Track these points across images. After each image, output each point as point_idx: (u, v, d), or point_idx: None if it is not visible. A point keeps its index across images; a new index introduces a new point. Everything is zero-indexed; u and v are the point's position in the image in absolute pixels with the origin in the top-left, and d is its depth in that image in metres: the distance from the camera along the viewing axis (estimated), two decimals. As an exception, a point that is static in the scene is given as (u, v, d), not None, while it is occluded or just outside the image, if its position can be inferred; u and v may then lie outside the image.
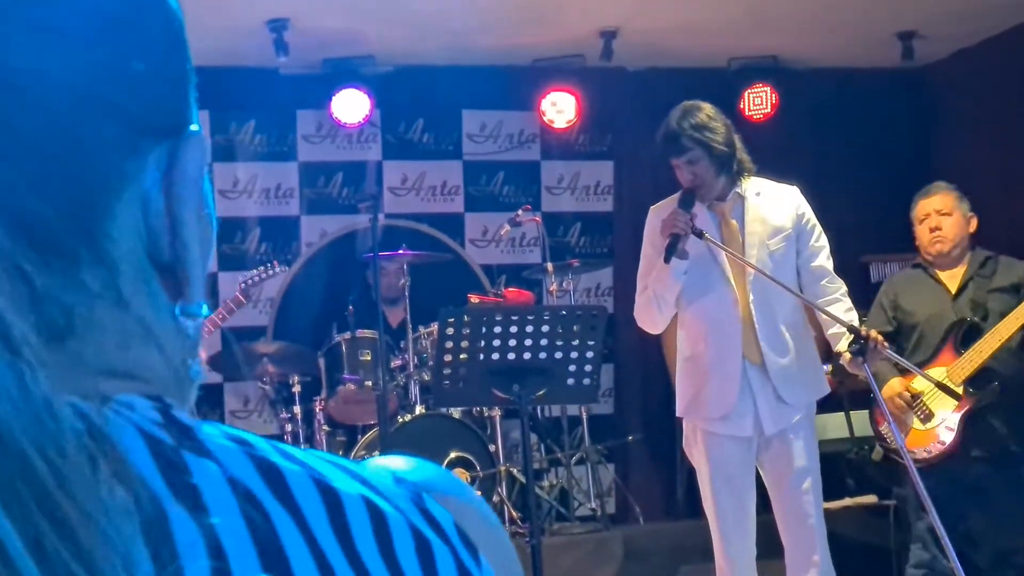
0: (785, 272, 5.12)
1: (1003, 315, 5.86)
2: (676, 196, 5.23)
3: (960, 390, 5.86)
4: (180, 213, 0.75)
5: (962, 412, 5.87)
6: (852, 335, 4.94)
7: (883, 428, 6.06)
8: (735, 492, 5.14)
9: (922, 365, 5.85)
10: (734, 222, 5.18)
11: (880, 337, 4.98)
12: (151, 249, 0.73)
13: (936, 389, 5.83)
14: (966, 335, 5.89)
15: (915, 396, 5.98)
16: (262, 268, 6.68)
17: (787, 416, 5.12)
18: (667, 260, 5.01)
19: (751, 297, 5.10)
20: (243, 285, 6.48)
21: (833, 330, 5.20)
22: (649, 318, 5.29)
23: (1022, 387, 5.90)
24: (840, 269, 5.38)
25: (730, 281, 5.13)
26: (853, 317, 5.18)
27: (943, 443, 5.90)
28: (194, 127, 0.76)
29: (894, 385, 5.97)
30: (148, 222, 0.73)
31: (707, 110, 5.19)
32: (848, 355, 5.01)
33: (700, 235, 5.00)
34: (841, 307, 5.20)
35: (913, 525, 6.22)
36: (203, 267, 0.76)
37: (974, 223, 6.19)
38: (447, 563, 0.74)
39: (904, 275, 6.44)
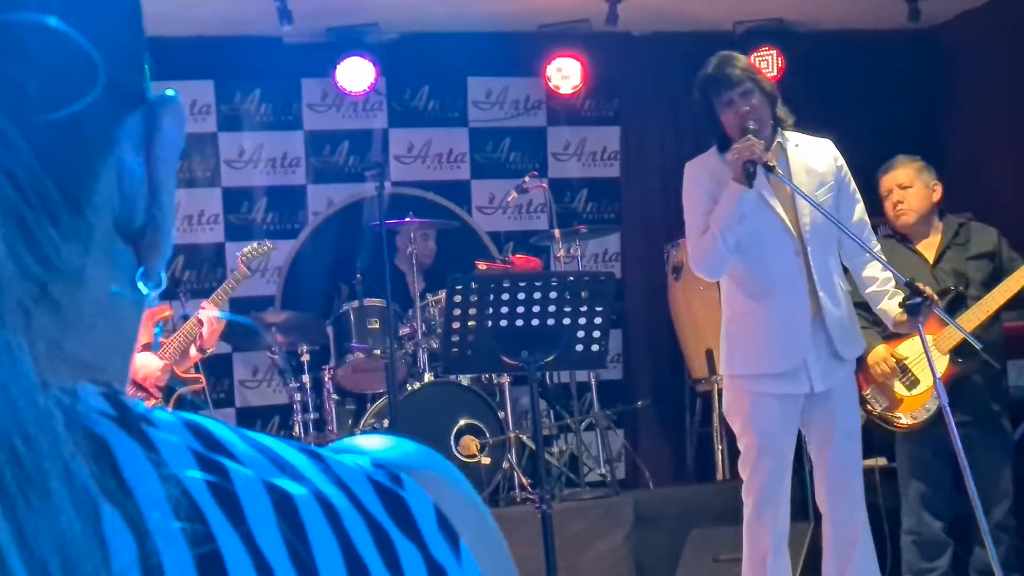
0: (830, 225, 5.01)
1: (983, 283, 6.00)
2: (712, 152, 5.13)
3: (947, 359, 5.94)
4: (160, 176, 0.74)
5: (947, 379, 5.97)
6: (908, 291, 4.82)
7: (867, 392, 6.08)
8: (779, 458, 5.05)
9: (904, 334, 5.95)
10: (779, 180, 5.02)
11: (935, 295, 4.94)
12: (121, 217, 0.72)
13: (922, 356, 5.92)
14: (950, 305, 5.94)
15: (900, 363, 6.06)
16: (257, 243, 6.69)
17: (835, 373, 5.02)
18: (750, 185, 4.82)
19: (809, 248, 4.98)
20: (243, 259, 6.48)
21: (872, 288, 5.16)
22: (715, 259, 4.99)
23: (998, 348, 6.00)
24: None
25: (790, 231, 4.99)
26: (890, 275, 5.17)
27: (928, 410, 6.00)
28: (169, 92, 0.75)
29: (879, 351, 6.03)
30: (123, 188, 0.72)
31: (746, 59, 5.13)
32: (903, 313, 4.94)
33: (771, 169, 4.86)
34: (880, 265, 5.19)
35: (903, 490, 6.30)
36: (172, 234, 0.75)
37: (938, 191, 6.28)
38: (415, 562, 0.72)
39: (882, 245, 6.53)
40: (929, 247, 6.23)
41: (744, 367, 5.09)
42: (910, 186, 6.24)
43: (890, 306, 5.14)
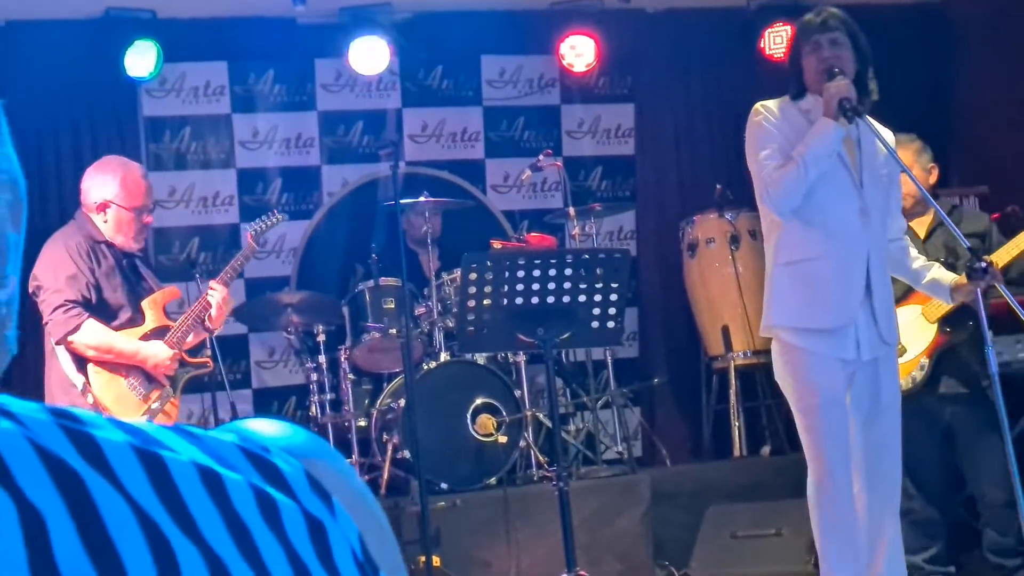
0: (887, 200, 4.94)
1: None
2: (785, 98, 4.95)
3: (935, 328, 6.02)
4: None
5: (936, 349, 6.01)
6: (971, 256, 4.71)
7: None
8: (842, 418, 4.84)
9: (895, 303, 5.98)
10: (850, 138, 4.87)
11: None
12: None
13: (909, 324, 5.96)
14: (968, 275, 5.94)
15: None
16: (265, 217, 6.64)
17: (880, 346, 4.87)
18: (851, 121, 4.69)
19: (871, 212, 4.84)
20: (252, 233, 6.44)
21: (917, 264, 5.13)
22: (795, 190, 4.74)
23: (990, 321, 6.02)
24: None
25: (860, 188, 4.84)
26: None
27: (914, 379, 6.04)
28: None
29: None
30: None
31: (846, 16, 4.98)
32: (964, 281, 4.85)
33: (860, 114, 4.72)
34: (915, 250, 5.17)
35: None
36: (9, 232, 0.75)
37: (935, 174, 6.30)
38: (293, 516, 0.74)
39: None
40: (921, 224, 6.27)
41: (790, 318, 4.88)
42: (909, 169, 6.24)
43: (941, 274, 5.07)
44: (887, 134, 5.03)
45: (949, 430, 6.21)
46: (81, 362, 5.65)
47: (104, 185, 5.78)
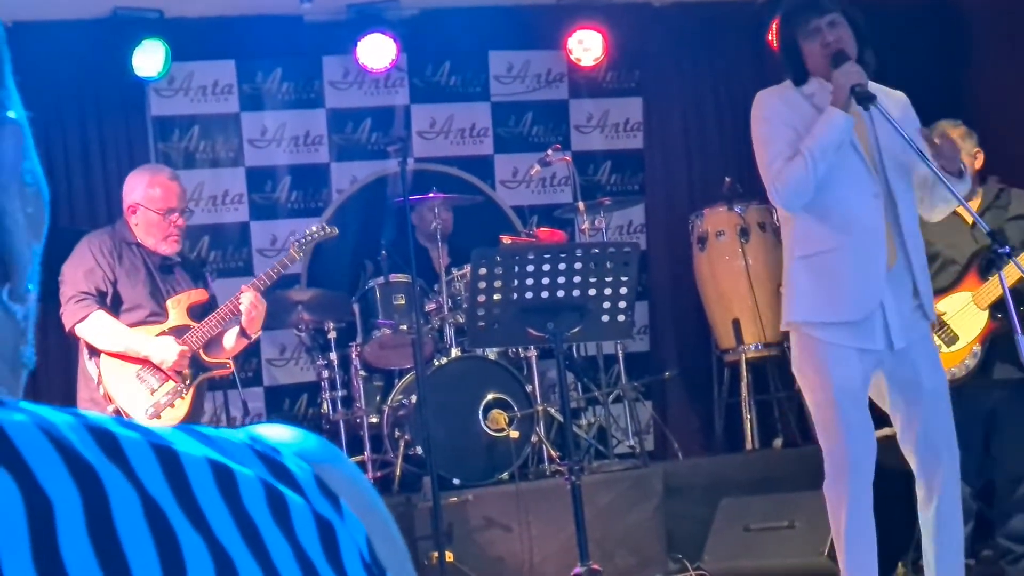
0: (910, 173, 4.77)
1: (1022, 243, 5.97)
2: (786, 84, 4.80)
3: (987, 314, 6.00)
4: (0, 201, 0.74)
5: (987, 335, 5.99)
6: (992, 240, 4.61)
7: None
8: (862, 411, 4.66)
9: (944, 291, 5.95)
10: (862, 119, 4.70)
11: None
12: None
13: (960, 312, 5.93)
14: (989, 262, 5.91)
15: (939, 318, 6.05)
16: (315, 228, 6.63)
17: (916, 328, 4.69)
18: (867, 109, 4.55)
19: (891, 192, 4.66)
20: (296, 244, 6.43)
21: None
22: (804, 186, 4.58)
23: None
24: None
25: (873, 172, 4.67)
26: None
27: (967, 367, 6.01)
28: (10, 114, 0.75)
29: None
30: None
31: None
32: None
33: (873, 99, 4.54)
34: None
35: None
36: (32, 248, 0.76)
37: (980, 159, 6.27)
38: (303, 515, 0.75)
39: None
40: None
41: (810, 313, 4.70)
42: (921, 149, 6.21)
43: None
44: (898, 96, 4.89)
45: (992, 414, 6.17)
46: (97, 353, 5.81)
47: (133, 189, 6.03)
